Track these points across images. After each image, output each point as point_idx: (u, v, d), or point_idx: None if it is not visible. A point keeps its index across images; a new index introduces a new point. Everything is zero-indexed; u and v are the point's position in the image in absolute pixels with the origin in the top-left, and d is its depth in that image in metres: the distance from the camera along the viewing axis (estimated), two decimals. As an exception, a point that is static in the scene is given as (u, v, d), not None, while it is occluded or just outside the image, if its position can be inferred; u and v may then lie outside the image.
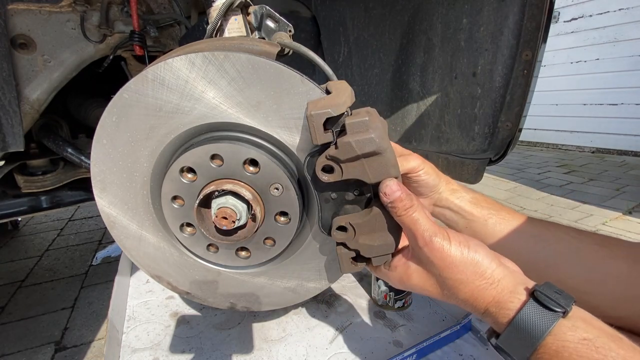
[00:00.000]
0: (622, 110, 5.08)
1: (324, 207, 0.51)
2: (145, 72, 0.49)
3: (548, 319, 0.38)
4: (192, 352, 0.77)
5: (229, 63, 0.47)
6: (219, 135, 0.52)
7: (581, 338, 0.36)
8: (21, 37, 0.85)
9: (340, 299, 0.97)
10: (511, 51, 0.94)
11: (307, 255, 0.60)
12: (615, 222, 2.82)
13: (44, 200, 1.28)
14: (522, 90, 0.96)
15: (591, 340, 0.36)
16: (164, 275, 0.65)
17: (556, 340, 0.37)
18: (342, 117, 0.44)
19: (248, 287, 0.64)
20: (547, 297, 0.39)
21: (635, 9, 4.71)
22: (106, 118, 0.52)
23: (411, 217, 0.45)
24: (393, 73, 1.22)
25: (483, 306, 0.43)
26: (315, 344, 0.80)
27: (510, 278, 0.43)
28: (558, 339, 0.37)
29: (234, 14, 0.63)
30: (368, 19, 1.21)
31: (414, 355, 0.75)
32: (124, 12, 0.97)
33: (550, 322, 0.38)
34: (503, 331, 0.41)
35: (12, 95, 0.84)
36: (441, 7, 1.04)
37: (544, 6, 0.86)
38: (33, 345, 1.55)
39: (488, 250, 0.46)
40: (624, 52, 4.92)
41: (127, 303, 0.95)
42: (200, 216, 0.52)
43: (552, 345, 0.37)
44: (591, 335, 0.37)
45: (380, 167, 0.45)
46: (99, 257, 2.30)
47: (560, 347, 0.37)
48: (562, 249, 0.58)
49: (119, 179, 0.56)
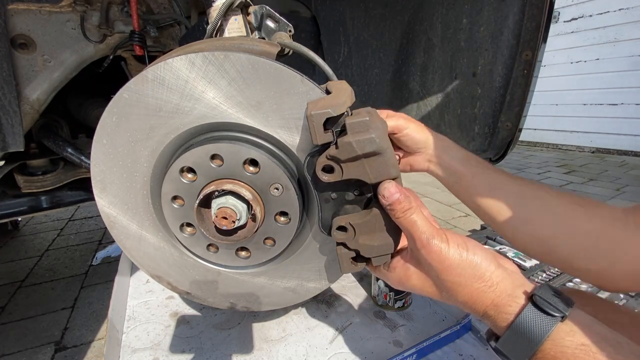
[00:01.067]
0: (622, 110, 5.08)
1: (324, 207, 0.51)
2: (145, 72, 0.49)
3: (546, 324, 0.38)
4: (192, 352, 0.77)
5: (229, 63, 0.47)
6: (219, 135, 0.52)
7: (579, 343, 0.36)
8: (21, 37, 0.85)
9: (340, 299, 0.97)
10: (511, 51, 0.94)
11: (307, 255, 0.60)
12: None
13: (44, 200, 1.28)
14: (522, 90, 0.96)
15: (589, 346, 0.36)
16: (164, 275, 0.65)
17: (554, 345, 0.37)
18: (342, 117, 0.44)
19: (248, 287, 0.64)
20: (545, 302, 0.39)
21: (635, 9, 4.71)
22: (106, 118, 0.52)
23: (409, 219, 0.45)
24: (393, 73, 1.22)
25: (482, 309, 0.43)
26: (315, 344, 0.80)
27: (509, 281, 0.43)
28: (556, 345, 0.37)
29: (234, 14, 0.63)
30: (368, 19, 1.21)
31: (414, 355, 0.75)
32: (124, 12, 0.97)
33: (548, 327, 0.38)
34: (502, 335, 0.41)
35: (12, 95, 0.83)
36: (441, 7, 1.04)
37: (544, 6, 0.86)
38: (33, 345, 1.55)
39: (487, 252, 0.45)
40: (624, 52, 4.92)
41: (127, 303, 0.95)
42: (200, 216, 0.52)
43: (550, 351, 0.38)
44: (589, 340, 0.36)
45: (381, 167, 0.45)
46: (99, 257, 2.30)
47: (559, 352, 0.37)
48: (539, 205, 0.61)
49: (119, 179, 0.56)
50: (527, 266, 1.83)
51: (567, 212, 0.59)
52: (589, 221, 0.57)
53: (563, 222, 0.59)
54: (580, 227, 0.57)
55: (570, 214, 0.58)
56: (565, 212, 0.59)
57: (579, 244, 0.57)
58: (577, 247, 0.57)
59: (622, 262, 0.53)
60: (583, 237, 0.56)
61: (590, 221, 0.57)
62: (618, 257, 0.53)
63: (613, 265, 0.54)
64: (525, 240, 0.63)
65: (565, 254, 0.58)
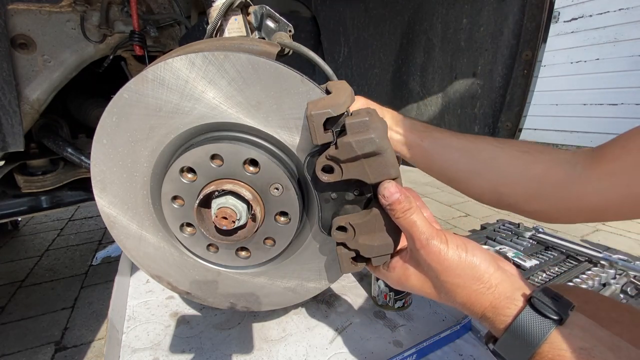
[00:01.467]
0: (622, 110, 5.08)
1: (324, 207, 0.51)
2: (145, 72, 0.49)
3: (544, 327, 0.38)
4: (192, 352, 0.77)
5: (229, 63, 0.47)
6: (219, 135, 0.52)
7: (578, 347, 0.36)
8: (21, 37, 0.85)
9: (340, 299, 0.97)
10: (511, 51, 0.94)
11: (307, 255, 0.60)
12: (615, 222, 2.81)
13: (44, 200, 1.28)
14: (522, 90, 0.96)
15: (588, 350, 0.36)
16: (164, 275, 0.65)
17: (552, 348, 0.37)
18: (342, 117, 0.44)
19: (248, 287, 0.64)
20: (543, 304, 0.39)
21: (635, 9, 4.71)
22: (106, 118, 0.52)
23: (409, 220, 0.45)
24: (393, 73, 1.22)
25: (480, 311, 0.43)
26: (315, 344, 0.80)
27: (508, 283, 0.43)
28: (554, 347, 0.37)
29: (234, 14, 0.63)
30: (368, 19, 1.21)
31: (414, 355, 0.75)
32: (124, 12, 0.97)
33: (546, 330, 0.38)
34: (500, 337, 0.41)
35: (12, 95, 0.84)
36: (441, 7, 1.04)
37: (544, 6, 0.86)
38: (33, 345, 1.55)
39: (486, 253, 0.45)
40: (624, 52, 4.92)
41: (127, 303, 0.95)
42: (200, 216, 0.52)
43: (548, 354, 0.37)
44: (588, 344, 0.36)
45: (381, 167, 0.45)
46: (99, 257, 2.30)
47: (556, 355, 0.37)
48: (485, 158, 0.65)
49: (119, 179, 0.56)
50: (527, 266, 1.83)
51: (511, 160, 0.62)
52: (532, 167, 0.60)
53: (507, 171, 0.63)
54: (524, 174, 0.61)
55: (514, 162, 0.62)
56: (509, 161, 0.63)
57: (523, 190, 0.61)
58: (522, 192, 0.61)
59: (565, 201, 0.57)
60: (527, 183, 0.60)
61: (533, 167, 0.60)
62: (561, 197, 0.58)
63: (556, 204, 0.59)
64: (476, 192, 0.67)
65: (513, 200, 0.63)
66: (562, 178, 0.57)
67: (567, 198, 0.57)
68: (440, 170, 0.69)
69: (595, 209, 0.55)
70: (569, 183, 0.56)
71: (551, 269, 1.87)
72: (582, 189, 0.55)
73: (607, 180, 0.52)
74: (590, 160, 0.56)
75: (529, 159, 0.61)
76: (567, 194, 0.57)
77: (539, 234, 2.22)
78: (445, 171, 0.68)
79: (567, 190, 0.56)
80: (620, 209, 0.52)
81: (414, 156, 0.71)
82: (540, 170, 0.59)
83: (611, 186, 0.52)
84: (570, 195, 0.56)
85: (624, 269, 1.79)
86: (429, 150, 0.68)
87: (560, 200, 0.58)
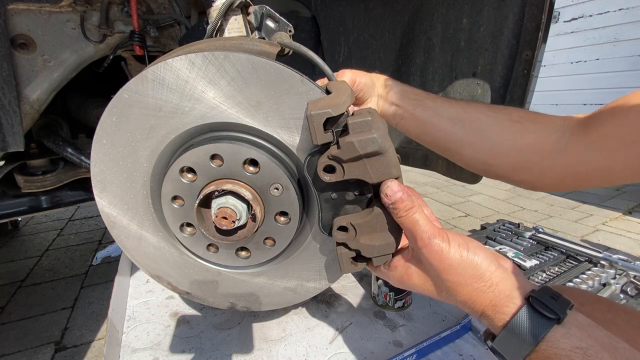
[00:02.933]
0: (622, 110, 5.07)
1: (324, 207, 0.51)
2: (145, 72, 0.49)
3: (542, 325, 0.39)
4: (192, 352, 0.77)
5: (229, 63, 0.47)
6: (219, 135, 0.52)
7: (574, 346, 0.37)
8: (21, 37, 0.85)
9: (340, 299, 0.97)
10: (511, 51, 0.94)
11: (307, 255, 0.60)
12: (615, 222, 2.81)
13: (44, 200, 1.28)
14: (522, 90, 0.96)
15: (584, 349, 0.36)
16: (164, 275, 0.65)
17: (549, 347, 0.38)
18: (342, 117, 0.44)
19: (248, 287, 0.64)
20: (541, 303, 0.39)
21: (635, 9, 4.71)
22: (106, 118, 0.52)
23: (411, 218, 0.45)
24: (393, 73, 1.22)
25: (480, 309, 0.44)
26: (315, 344, 0.80)
27: (509, 282, 0.43)
28: (551, 346, 0.38)
29: (234, 14, 0.63)
30: (368, 19, 1.21)
31: (414, 355, 0.75)
32: (124, 12, 0.97)
33: (543, 329, 0.38)
34: (498, 334, 0.42)
35: (12, 95, 0.84)
36: (441, 7, 1.04)
37: (544, 6, 0.86)
38: (33, 345, 1.55)
39: (487, 252, 0.46)
40: (624, 52, 4.92)
41: (127, 303, 0.95)
42: (200, 216, 0.52)
43: (545, 352, 0.38)
44: (584, 344, 0.37)
45: (382, 167, 0.45)
46: (99, 257, 2.30)
47: (553, 354, 0.37)
48: (476, 128, 0.65)
49: (119, 179, 0.56)
50: (527, 266, 1.83)
51: (502, 131, 0.64)
52: (522, 138, 0.61)
53: (498, 142, 0.64)
54: (514, 146, 0.62)
55: (505, 133, 0.63)
56: (500, 132, 0.64)
57: (512, 161, 0.63)
58: (511, 163, 0.63)
59: (552, 170, 0.59)
60: (516, 154, 0.62)
61: (523, 138, 0.61)
62: (548, 166, 0.59)
63: (543, 174, 0.60)
64: (467, 162, 0.69)
65: (502, 171, 0.65)
66: (550, 148, 0.58)
67: (554, 167, 0.58)
68: (432, 139, 0.70)
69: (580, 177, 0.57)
70: (555, 152, 0.58)
71: (551, 269, 1.87)
72: (569, 159, 0.56)
73: (594, 150, 0.54)
74: (578, 129, 0.57)
75: (519, 129, 0.62)
76: (554, 163, 0.58)
77: (539, 234, 2.22)
78: (437, 141, 0.69)
79: (554, 160, 0.58)
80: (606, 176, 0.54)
81: (405, 125, 0.71)
82: (530, 140, 0.60)
83: (597, 155, 0.53)
84: (557, 165, 0.58)
85: (624, 269, 1.79)
86: (420, 119, 0.69)
87: (547, 169, 0.59)
